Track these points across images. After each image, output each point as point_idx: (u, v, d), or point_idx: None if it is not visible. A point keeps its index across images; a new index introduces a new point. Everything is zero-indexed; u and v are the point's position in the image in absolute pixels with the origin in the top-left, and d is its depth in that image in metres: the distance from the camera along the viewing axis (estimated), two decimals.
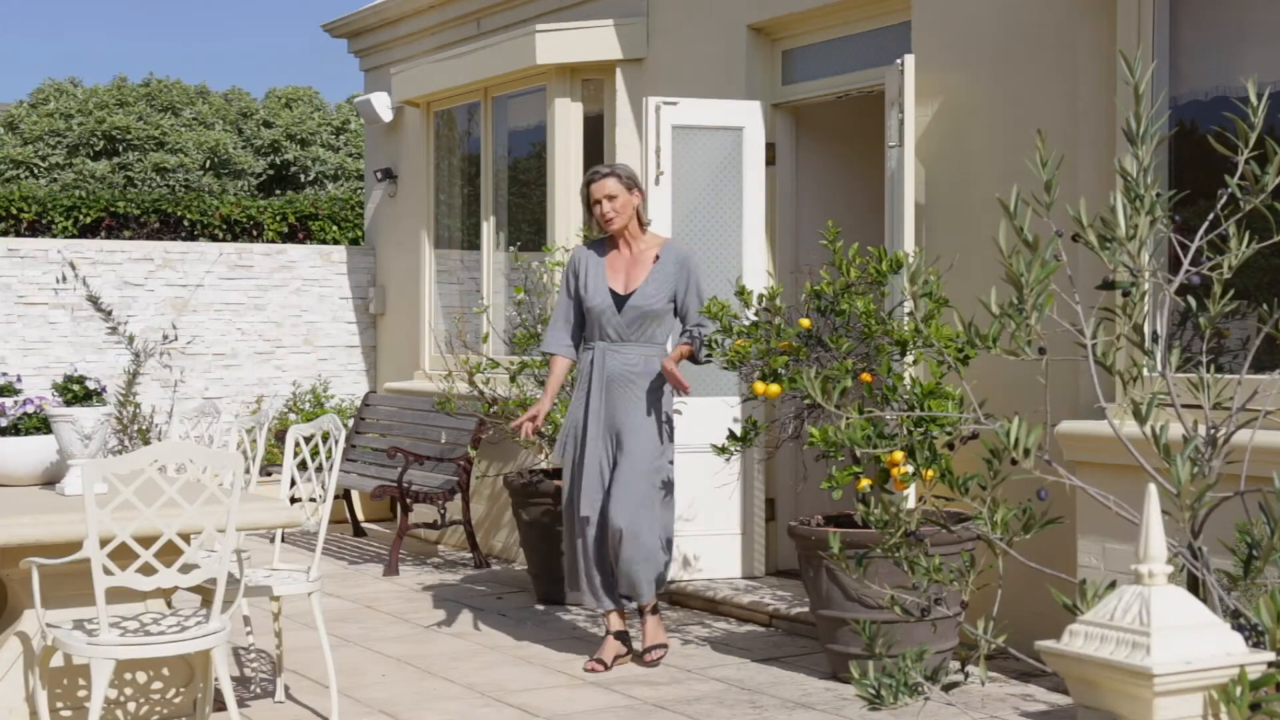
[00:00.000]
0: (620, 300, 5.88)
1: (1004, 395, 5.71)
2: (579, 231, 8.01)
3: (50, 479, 5.15)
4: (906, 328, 5.57)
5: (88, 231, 11.26)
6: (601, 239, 6.04)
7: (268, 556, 7.38)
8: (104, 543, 4.01)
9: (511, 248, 8.97)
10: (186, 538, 4.21)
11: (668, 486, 5.95)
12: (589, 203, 5.89)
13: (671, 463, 5.98)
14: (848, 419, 4.30)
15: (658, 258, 5.91)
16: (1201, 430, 2.97)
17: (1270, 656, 2.33)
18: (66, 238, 11.02)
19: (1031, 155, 3.11)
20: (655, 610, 5.97)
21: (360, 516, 10.29)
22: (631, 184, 5.90)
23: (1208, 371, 3.07)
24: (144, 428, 9.91)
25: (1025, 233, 2.94)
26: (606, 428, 5.89)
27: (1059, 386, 5.44)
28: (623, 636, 5.96)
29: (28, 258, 10.30)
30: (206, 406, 6.74)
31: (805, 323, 5.85)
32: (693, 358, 5.95)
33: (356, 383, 11.29)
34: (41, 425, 5.09)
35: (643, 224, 5.98)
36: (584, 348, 6.00)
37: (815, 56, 7.37)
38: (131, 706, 4.67)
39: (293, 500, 5.59)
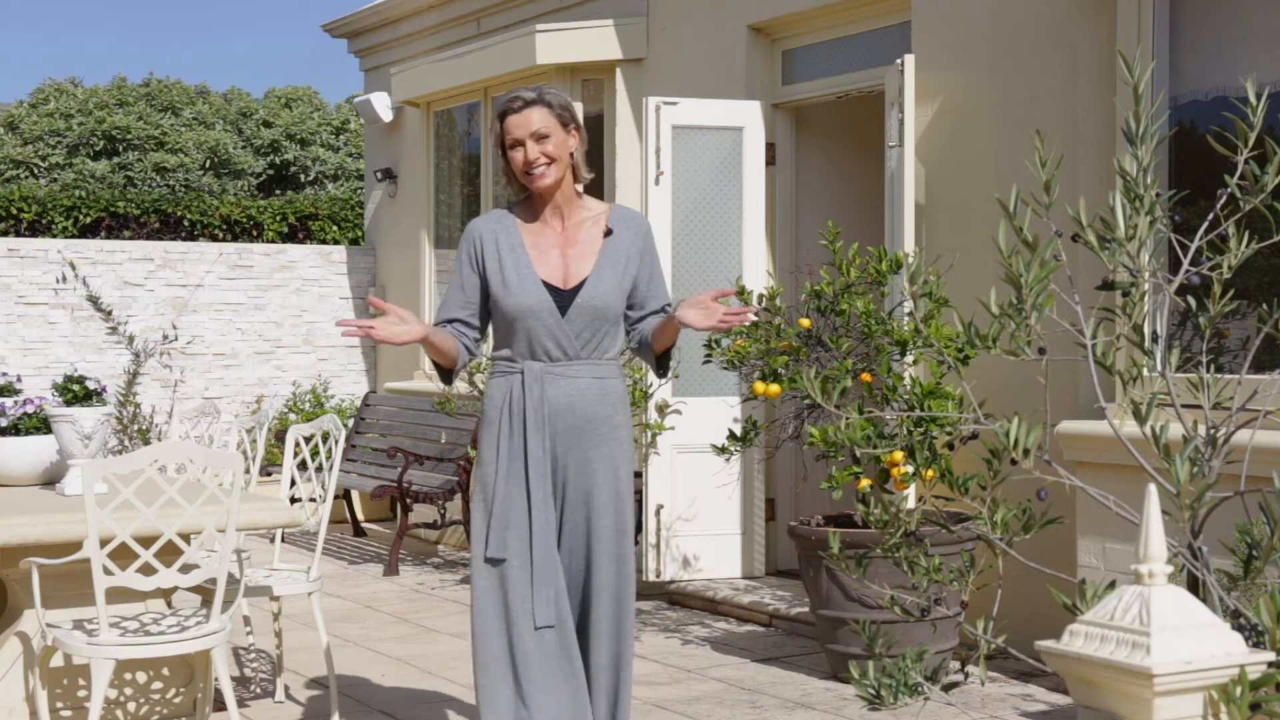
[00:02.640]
0: (564, 298, 3.87)
1: (1004, 395, 5.71)
2: None
3: (50, 479, 5.15)
4: (906, 328, 5.58)
5: (88, 231, 11.26)
6: (510, 206, 4.06)
7: (268, 556, 7.38)
8: (104, 543, 4.01)
9: None
10: (186, 538, 4.21)
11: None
12: (503, 146, 3.93)
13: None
14: (848, 419, 4.30)
15: (609, 231, 3.94)
16: (1201, 430, 2.97)
17: (1270, 656, 2.33)
18: (66, 238, 11.02)
19: (1031, 155, 3.11)
20: None
21: (360, 516, 10.29)
22: (567, 116, 3.93)
23: (1208, 371, 3.07)
24: (144, 428, 9.91)
25: (1025, 233, 2.94)
26: (557, 489, 3.89)
27: (1059, 386, 5.44)
28: None
29: (28, 258, 10.30)
30: (206, 406, 6.73)
31: (805, 323, 5.85)
32: (665, 355, 4.05)
33: (356, 383, 11.29)
34: (41, 425, 5.09)
35: (580, 181, 4.00)
36: (496, 372, 3.95)
37: (815, 56, 7.37)
38: (131, 706, 4.67)
39: (293, 500, 5.59)
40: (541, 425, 3.84)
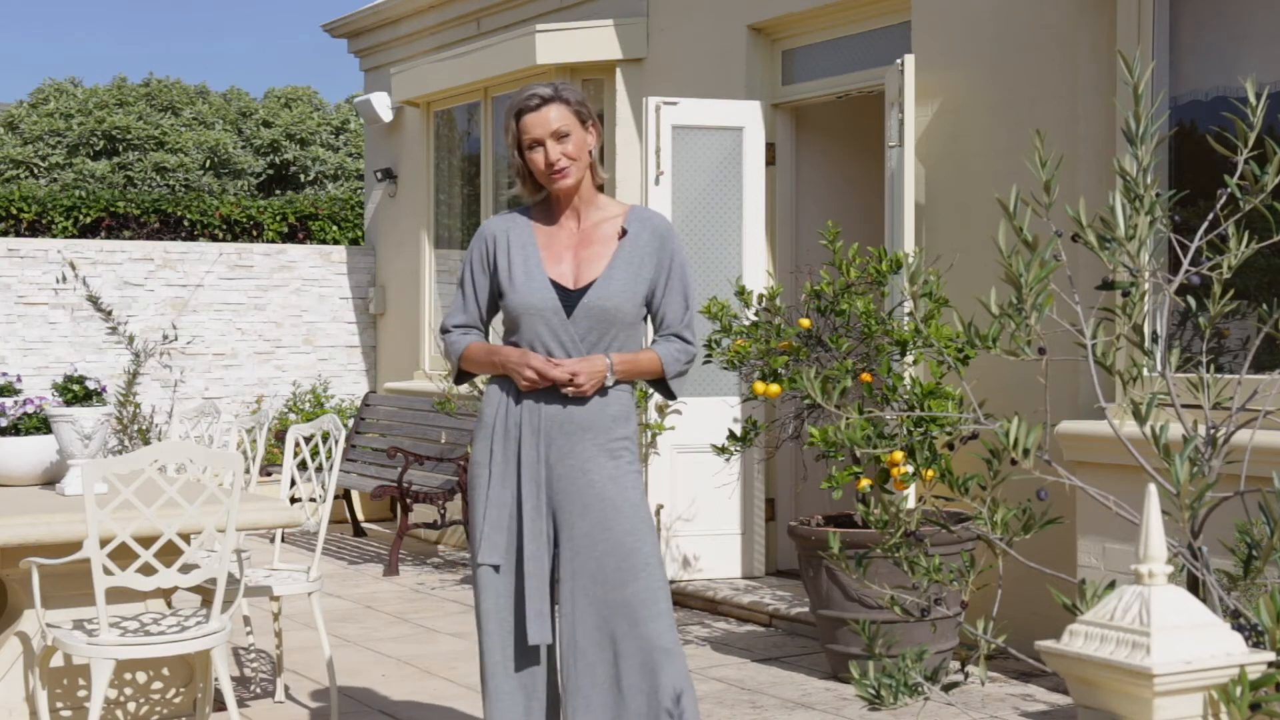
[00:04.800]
0: (571, 298, 3.71)
1: (1004, 395, 5.71)
2: None
3: (50, 479, 5.15)
4: (906, 328, 5.58)
5: (88, 231, 11.26)
6: (525, 206, 3.90)
7: (268, 556, 7.38)
8: (104, 543, 4.01)
9: None
10: (186, 538, 4.21)
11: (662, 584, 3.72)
12: (520, 146, 3.75)
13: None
14: (848, 419, 4.30)
15: (624, 232, 3.77)
16: (1201, 430, 2.97)
17: (1270, 656, 2.32)
18: (66, 238, 11.02)
19: (1031, 155, 3.11)
20: None
21: (360, 516, 10.29)
22: (585, 112, 3.77)
23: (1208, 371, 3.07)
24: (144, 428, 9.90)
25: (1025, 233, 2.94)
26: (552, 500, 3.69)
27: (1059, 386, 5.44)
28: None
29: (28, 258, 10.30)
30: (206, 406, 6.73)
31: (805, 323, 5.85)
32: (661, 381, 3.82)
33: (356, 383, 11.29)
34: (41, 425, 5.09)
35: (597, 181, 3.84)
36: (494, 378, 3.80)
37: (815, 56, 7.37)
38: (131, 706, 4.67)
39: (293, 500, 5.59)
40: (537, 430, 3.66)
